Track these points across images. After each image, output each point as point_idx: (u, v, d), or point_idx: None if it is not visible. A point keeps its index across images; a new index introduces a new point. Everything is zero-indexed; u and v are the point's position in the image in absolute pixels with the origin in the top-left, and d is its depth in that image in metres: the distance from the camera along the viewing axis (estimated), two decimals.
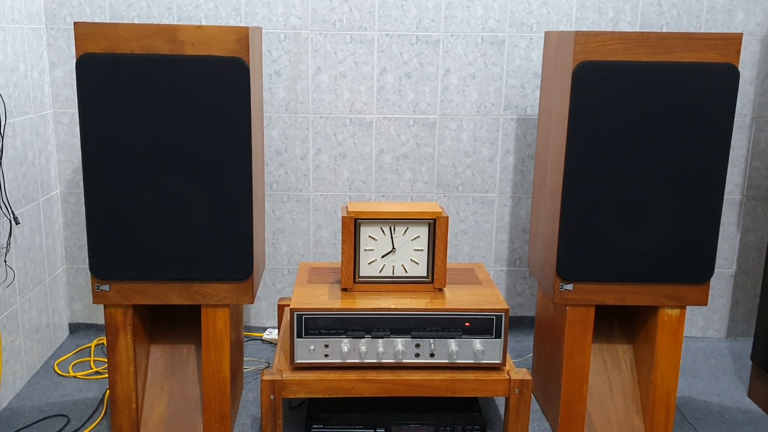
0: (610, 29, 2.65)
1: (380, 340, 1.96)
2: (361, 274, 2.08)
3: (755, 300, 2.90)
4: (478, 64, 2.67)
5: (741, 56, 2.67)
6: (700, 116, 1.92)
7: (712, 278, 2.58)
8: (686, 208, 1.98)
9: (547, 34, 2.17)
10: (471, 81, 2.69)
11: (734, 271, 2.88)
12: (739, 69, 2.47)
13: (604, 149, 1.94)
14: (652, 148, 1.94)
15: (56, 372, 2.52)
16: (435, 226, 2.04)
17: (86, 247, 2.73)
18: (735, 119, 2.73)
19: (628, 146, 1.94)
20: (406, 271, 2.08)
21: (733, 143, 2.76)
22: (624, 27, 2.65)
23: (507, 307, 1.98)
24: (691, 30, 2.65)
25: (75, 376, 2.49)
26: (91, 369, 2.55)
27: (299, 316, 1.95)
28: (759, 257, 2.86)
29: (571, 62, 1.90)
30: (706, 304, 2.06)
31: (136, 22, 2.59)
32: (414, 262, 2.08)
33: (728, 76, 1.90)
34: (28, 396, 2.35)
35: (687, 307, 2.08)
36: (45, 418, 2.22)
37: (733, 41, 1.89)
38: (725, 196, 2.80)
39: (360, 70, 2.66)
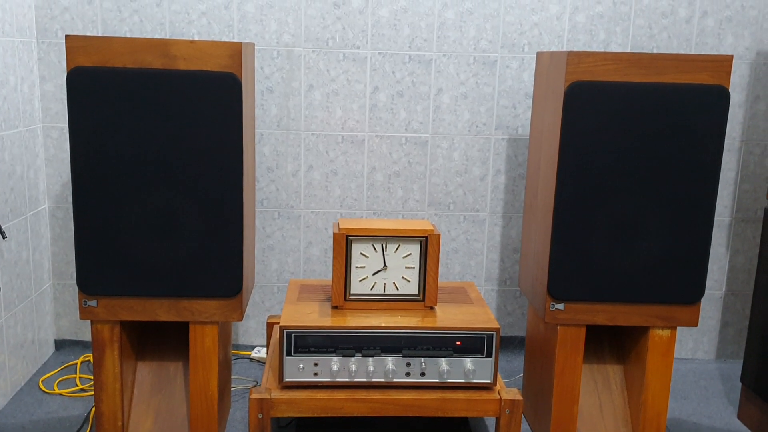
0: (602, 51, 2.67)
1: (370, 359, 1.94)
2: (351, 292, 2.06)
3: (744, 322, 2.91)
4: (470, 84, 2.69)
5: (731, 79, 2.69)
6: (691, 137, 1.93)
7: (702, 299, 2.58)
8: (677, 229, 1.99)
9: (539, 55, 2.18)
10: (463, 101, 2.70)
11: (724, 293, 2.88)
12: (730, 91, 2.48)
13: (596, 169, 1.95)
14: (644, 168, 1.95)
15: (41, 389, 2.48)
16: (427, 244, 2.04)
17: (74, 262, 2.71)
18: (725, 141, 2.75)
19: (620, 166, 1.95)
20: (398, 289, 2.07)
21: (722, 165, 2.78)
22: (615, 49, 2.68)
23: (498, 326, 1.97)
24: (681, 53, 2.68)
25: (60, 394, 2.46)
26: (77, 386, 2.52)
27: (289, 334, 1.93)
28: (748, 279, 2.87)
29: (563, 82, 1.91)
30: (696, 325, 2.06)
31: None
32: (405, 279, 2.07)
33: (719, 98, 1.92)
34: (12, 413, 2.32)
35: (677, 328, 2.08)
36: None
37: (723, 63, 1.91)
38: (715, 218, 2.81)
39: (352, 88, 2.67)
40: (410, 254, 2.05)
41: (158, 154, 1.86)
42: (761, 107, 2.74)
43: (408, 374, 1.95)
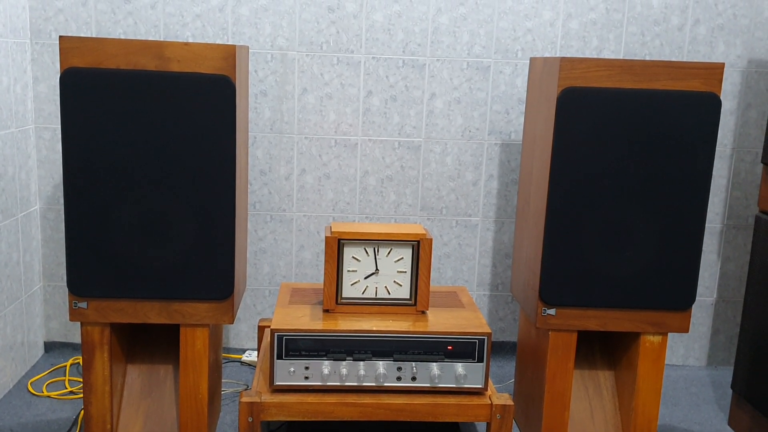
0: (594, 57, 2.68)
1: (361, 363, 1.94)
2: (343, 296, 2.06)
3: (735, 329, 2.91)
4: (463, 89, 2.69)
5: (722, 87, 2.71)
6: (682, 144, 1.94)
7: (693, 306, 2.59)
8: (668, 235, 1.99)
9: (533, 60, 2.19)
10: (456, 105, 2.70)
11: (715, 300, 2.89)
12: (721, 99, 2.50)
13: (588, 175, 1.95)
14: (635, 174, 1.96)
15: (30, 391, 2.47)
16: (419, 248, 2.04)
17: (64, 264, 2.69)
18: (716, 148, 2.76)
19: (612, 172, 1.95)
20: (389, 293, 2.07)
21: (714, 172, 2.79)
22: (608, 56, 2.69)
23: (489, 331, 1.97)
24: (674, 60, 2.69)
25: (49, 396, 2.44)
26: (66, 389, 2.50)
27: (280, 337, 1.92)
28: (739, 286, 2.88)
29: (556, 88, 1.92)
30: (687, 331, 2.06)
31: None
32: (397, 283, 2.07)
33: (710, 105, 1.93)
34: (0, 416, 2.30)
35: (668, 334, 2.09)
36: None
37: (715, 71, 1.92)
38: (706, 225, 2.82)
39: (346, 92, 2.67)
40: (402, 258, 2.05)
41: (151, 156, 1.86)
42: (752, 115, 2.76)
43: (399, 378, 1.95)
